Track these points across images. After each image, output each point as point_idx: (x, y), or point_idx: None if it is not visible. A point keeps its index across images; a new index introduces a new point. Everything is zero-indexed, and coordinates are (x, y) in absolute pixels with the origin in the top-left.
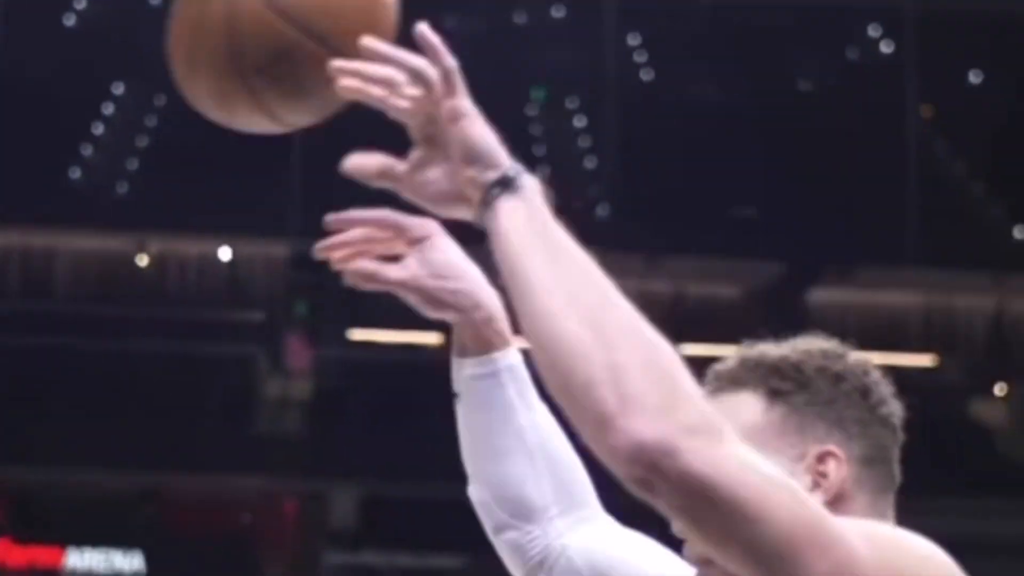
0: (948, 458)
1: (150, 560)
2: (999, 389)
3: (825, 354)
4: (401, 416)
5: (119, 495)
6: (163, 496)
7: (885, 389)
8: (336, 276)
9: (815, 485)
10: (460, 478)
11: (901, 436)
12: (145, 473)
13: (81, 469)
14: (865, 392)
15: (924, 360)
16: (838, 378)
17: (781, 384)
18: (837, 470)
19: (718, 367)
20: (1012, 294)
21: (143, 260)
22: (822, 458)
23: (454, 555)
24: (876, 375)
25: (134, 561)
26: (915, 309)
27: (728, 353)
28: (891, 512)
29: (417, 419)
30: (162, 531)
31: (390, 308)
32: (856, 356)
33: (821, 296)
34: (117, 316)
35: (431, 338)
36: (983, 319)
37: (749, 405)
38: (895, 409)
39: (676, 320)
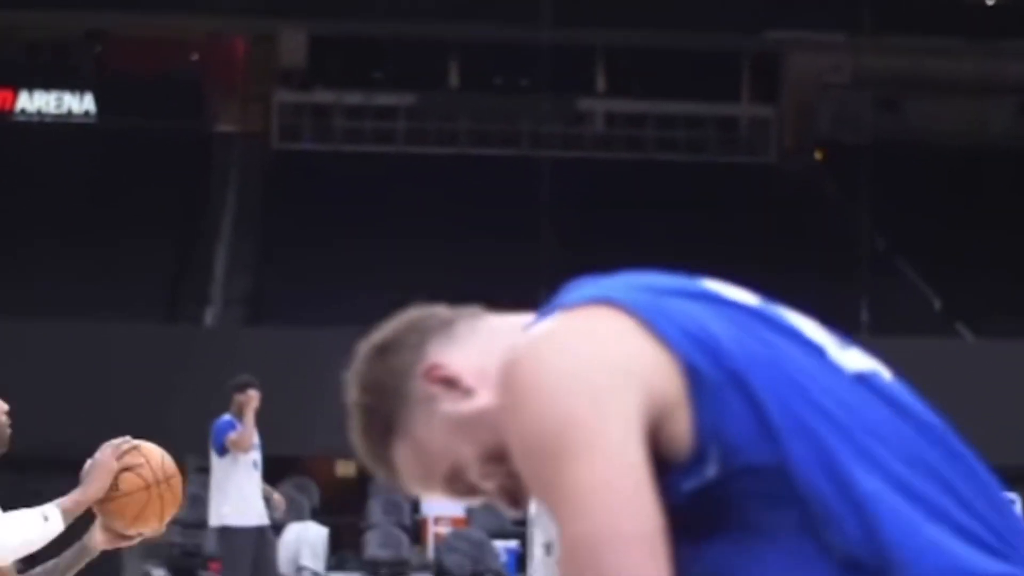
0: None
1: (100, 101)
2: None
3: None
4: None
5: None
6: (110, 36)
7: None
8: None
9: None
10: (407, 15)
11: None
12: (91, 12)
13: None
14: None
15: None
16: None
17: None
18: None
19: None
20: None
21: None
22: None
23: (403, 93)
24: None
25: (85, 102)
26: None
27: None
28: None
29: None
30: (111, 72)
31: None
32: None
33: None
34: None
35: None
36: None
37: None
38: None
39: None
